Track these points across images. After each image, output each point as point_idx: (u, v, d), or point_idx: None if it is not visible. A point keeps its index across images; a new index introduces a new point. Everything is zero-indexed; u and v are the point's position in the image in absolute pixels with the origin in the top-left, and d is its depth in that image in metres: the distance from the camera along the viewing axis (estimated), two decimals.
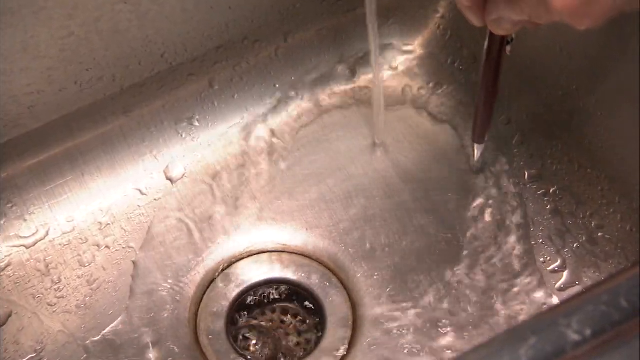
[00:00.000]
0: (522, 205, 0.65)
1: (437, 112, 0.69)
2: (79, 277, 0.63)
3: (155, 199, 0.66)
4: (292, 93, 0.70)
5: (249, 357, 0.61)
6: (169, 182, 0.67)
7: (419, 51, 0.71)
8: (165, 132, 0.68)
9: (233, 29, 0.66)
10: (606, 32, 0.57)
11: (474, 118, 0.62)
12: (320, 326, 0.62)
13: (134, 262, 0.64)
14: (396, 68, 0.71)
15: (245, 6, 0.65)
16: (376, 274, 0.63)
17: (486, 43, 0.54)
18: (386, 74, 0.71)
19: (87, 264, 0.64)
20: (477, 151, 0.64)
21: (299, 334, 0.63)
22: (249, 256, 0.65)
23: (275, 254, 0.65)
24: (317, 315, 0.63)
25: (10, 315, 0.62)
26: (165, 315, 0.62)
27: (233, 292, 0.63)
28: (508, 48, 0.53)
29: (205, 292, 0.63)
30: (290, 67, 0.70)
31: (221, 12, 0.65)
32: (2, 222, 0.64)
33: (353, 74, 0.70)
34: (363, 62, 0.70)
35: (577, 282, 0.62)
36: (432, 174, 0.66)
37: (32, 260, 0.64)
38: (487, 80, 0.57)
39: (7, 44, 0.57)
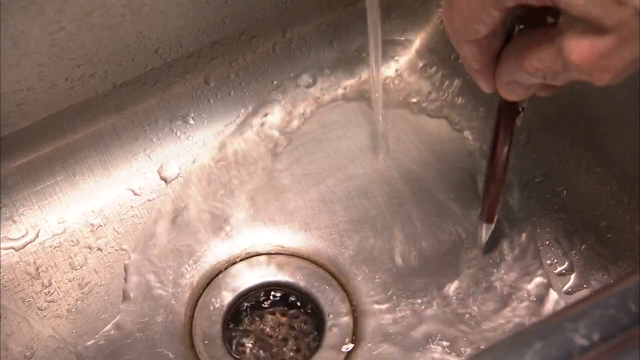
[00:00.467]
0: (528, 205, 0.64)
1: (440, 109, 0.69)
2: (70, 281, 0.63)
3: (148, 200, 0.66)
4: (291, 90, 0.69)
5: None
6: (163, 182, 0.67)
7: (422, 47, 0.71)
8: (160, 130, 0.68)
9: (230, 24, 0.66)
10: None
11: (483, 195, 0.59)
12: (319, 331, 0.62)
13: (126, 265, 0.64)
14: (397, 64, 0.71)
15: (242, 0, 0.65)
16: (377, 277, 0.63)
17: (497, 114, 0.51)
18: (387, 70, 0.70)
19: (78, 267, 0.64)
20: (486, 232, 0.61)
21: (297, 339, 0.62)
22: (245, 258, 0.65)
23: (273, 256, 0.64)
24: (315, 319, 0.63)
25: None
26: (160, 319, 0.62)
27: (229, 295, 0.63)
28: (519, 119, 0.51)
29: (200, 295, 0.63)
30: (289, 63, 0.70)
31: (217, 7, 0.65)
32: None
33: (353, 70, 0.70)
34: (363, 58, 0.70)
35: (584, 285, 0.62)
36: (435, 173, 0.66)
37: (21, 263, 0.64)
38: (498, 154, 0.54)
39: None
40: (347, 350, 0.61)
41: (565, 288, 0.62)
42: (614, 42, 0.35)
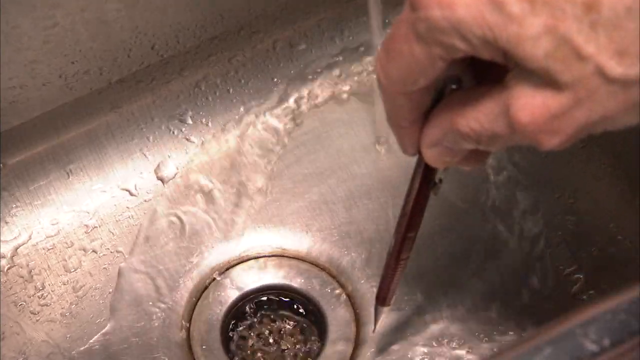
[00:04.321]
0: (536, 206, 0.64)
1: None
2: (64, 284, 0.63)
3: (145, 200, 0.66)
4: (291, 87, 0.69)
5: None
6: (159, 182, 0.67)
7: None
8: (156, 129, 0.68)
9: (228, 19, 0.66)
10: None
11: (383, 273, 0.53)
12: (320, 336, 0.62)
13: (122, 268, 0.64)
14: None
15: None
16: None
17: (412, 179, 0.46)
18: None
19: (72, 270, 0.64)
20: (379, 316, 0.56)
21: (298, 344, 0.63)
22: (245, 261, 0.65)
23: (273, 258, 0.65)
24: (317, 323, 0.63)
25: None
26: (156, 324, 0.62)
27: (228, 299, 0.63)
28: (435, 191, 0.46)
29: (198, 299, 0.63)
30: (289, 59, 0.70)
31: (216, 1, 0.65)
32: None
33: (356, 66, 0.70)
34: (366, 54, 0.70)
35: (594, 289, 0.62)
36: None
37: (14, 266, 0.64)
38: (406, 228, 0.48)
39: None
40: (350, 355, 0.61)
41: (574, 291, 0.62)
42: (568, 102, 0.33)
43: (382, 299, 0.55)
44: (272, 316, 0.64)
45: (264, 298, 0.64)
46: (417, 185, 0.46)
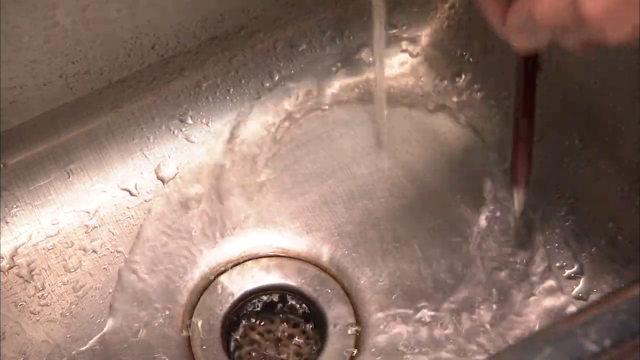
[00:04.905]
0: (536, 206, 0.65)
1: (447, 107, 0.69)
2: (64, 284, 0.63)
3: (145, 200, 0.66)
4: (292, 88, 0.70)
5: None
6: (160, 182, 0.67)
7: (427, 42, 0.71)
8: (157, 129, 0.68)
9: (229, 19, 0.66)
10: None
11: (512, 157, 0.59)
12: (321, 336, 0.62)
13: (122, 268, 0.64)
14: (402, 60, 0.71)
15: None
16: (381, 280, 0.63)
17: (517, 70, 0.52)
18: (392, 66, 0.71)
19: (72, 270, 0.64)
20: (518, 199, 0.60)
21: (298, 344, 0.63)
22: (245, 261, 0.65)
23: (274, 258, 0.65)
24: (317, 324, 0.63)
25: None
26: (156, 324, 0.62)
27: (228, 299, 0.63)
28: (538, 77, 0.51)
29: (199, 299, 0.63)
30: (289, 60, 0.70)
31: (216, 1, 0.65)
32: None
33: (356, 67, 0.70)
34: (367, 54, 0.70)
35: (595, 289, 0.62)
36: (441, 173, 0.66)
37: (14, 266, 0.64)
38: (522, 112, 0.55)
39: None
40: (350, 356, 0.61)
41: (574, 292, 0.62)
42: None
43: (514, 181, 0.60)
44: (272, 316, 0.64)
45: (264, 298, 0.64)
46: (522, 70, 0.51)
